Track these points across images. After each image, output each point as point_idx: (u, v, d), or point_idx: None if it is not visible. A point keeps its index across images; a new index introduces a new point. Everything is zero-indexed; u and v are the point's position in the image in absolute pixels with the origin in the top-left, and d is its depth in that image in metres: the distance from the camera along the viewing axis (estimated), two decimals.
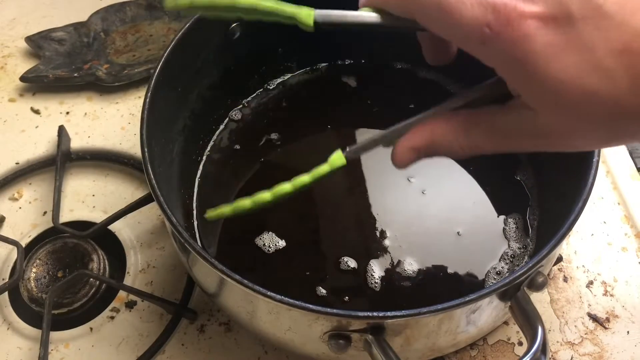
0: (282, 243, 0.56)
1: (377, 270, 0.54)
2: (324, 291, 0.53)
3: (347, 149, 0.41)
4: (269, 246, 0.56)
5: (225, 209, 0.43)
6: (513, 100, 0.33)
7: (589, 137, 0.31)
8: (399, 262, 0.55)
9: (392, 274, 0.54)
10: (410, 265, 0.54)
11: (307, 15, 0.38)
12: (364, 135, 0.63)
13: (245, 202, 0.42)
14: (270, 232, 0.57)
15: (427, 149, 0.36)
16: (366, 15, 0.37)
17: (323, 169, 0.41)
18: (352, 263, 0.55)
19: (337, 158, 0.41)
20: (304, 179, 0.41)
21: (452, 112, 0.36)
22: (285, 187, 0.41)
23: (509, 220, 0.57)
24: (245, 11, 0.39)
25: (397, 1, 0.34)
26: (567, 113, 0.30)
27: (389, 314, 0.40)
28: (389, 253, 0.55)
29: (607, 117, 0.29)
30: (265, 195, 0.42)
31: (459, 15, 0.30)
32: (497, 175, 0.59)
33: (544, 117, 0.31)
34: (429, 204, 0.58)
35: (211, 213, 0.43)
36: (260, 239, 0.56)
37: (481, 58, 0.31)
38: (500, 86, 0.35)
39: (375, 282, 0.54)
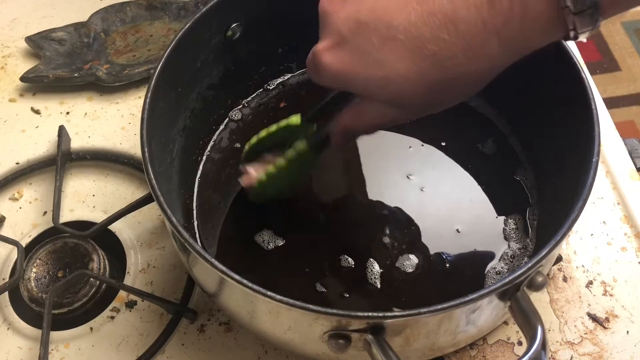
0: (280, 241, 0.56)
1: (376, 267, 0.54)
2: (323, 288, 0.54)
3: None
4: (268, 243, 0.56)
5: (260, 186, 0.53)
6: None
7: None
8: (399, 259, 0.55)
9: (392, 270, 0.54)
10: (410, 261, 0.55)
11: (296, 118, 0.51)
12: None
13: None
14: (269, 230, 0.57)
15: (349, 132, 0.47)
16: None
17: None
18: (351, 260, 0.55)
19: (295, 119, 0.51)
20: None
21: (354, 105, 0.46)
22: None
23: (509, 220, 0.57)
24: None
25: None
26: (377, 92, 0.42)
27: (388, 313, 0.40)
28: (389, 250, 0.55)
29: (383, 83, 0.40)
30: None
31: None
32: (497, 175, 0.59)
33: (372, 98, 0.43)
34: (428, 202, 0.58)
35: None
36: (260, 236, 0.57)
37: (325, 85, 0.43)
38: None
39: (374, 278, 0.54)
